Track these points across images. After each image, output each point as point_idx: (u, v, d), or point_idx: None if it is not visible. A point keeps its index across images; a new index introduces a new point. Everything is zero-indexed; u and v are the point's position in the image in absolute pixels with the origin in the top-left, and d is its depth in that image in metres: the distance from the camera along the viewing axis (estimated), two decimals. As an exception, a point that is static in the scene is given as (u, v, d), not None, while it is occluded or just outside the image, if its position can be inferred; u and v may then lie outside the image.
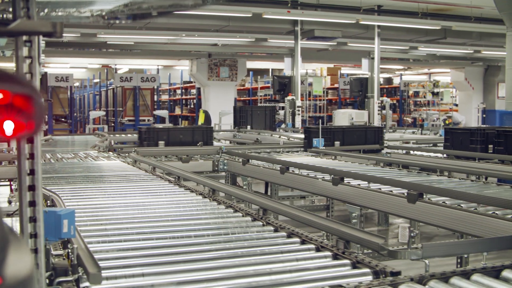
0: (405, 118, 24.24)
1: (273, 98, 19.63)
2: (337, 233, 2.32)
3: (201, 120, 17.21)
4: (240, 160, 6.19)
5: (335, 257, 2.21)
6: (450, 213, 3.31)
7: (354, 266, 2.09)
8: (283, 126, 14.29)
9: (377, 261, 2.09)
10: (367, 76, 15.69)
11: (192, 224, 2.82)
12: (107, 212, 3.14)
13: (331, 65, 24.14)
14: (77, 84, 29.62)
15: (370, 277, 1.98)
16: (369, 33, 15.04)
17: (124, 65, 26.05)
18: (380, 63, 22.08)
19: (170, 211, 3.16)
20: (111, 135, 11.83)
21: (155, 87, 19.89)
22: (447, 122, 22.11)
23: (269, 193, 6.83)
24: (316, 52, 19.95)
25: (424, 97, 22.87)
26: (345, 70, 25.51)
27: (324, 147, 7.09)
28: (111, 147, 7.70)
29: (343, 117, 14.86)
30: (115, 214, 3.09)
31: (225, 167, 6.60)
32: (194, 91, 22.87)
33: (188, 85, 24.00)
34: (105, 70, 22.10)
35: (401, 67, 27.35)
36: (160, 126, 10.26)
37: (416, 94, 23.93)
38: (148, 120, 19.67)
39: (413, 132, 12.70)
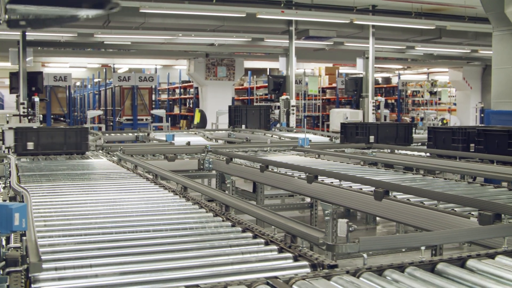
0: (404, 118, 24.29)
1: (270, 98, 19.72)
2: (285, 228, 2.42)
3: (196, 119, 17.34)
4: (224, 158, 6.28)
5: (281, 250, 2.30)
6: (412, 210, 3.41)
7: (296, 259, 2.18)
8: (278, 125, 14.37)
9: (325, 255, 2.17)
10: (362, 75, 15.75)
11: (154, 220, 2.91)
12: (76, 208, 3.24)
13: (330, 65, 24.24)
14: (78, 83, 29.81)
15: (308, 269, 2.07)
16: (364, 33, 15.12)
17: (124, 64, 26.20)
18: (378, 62, 22.18)
19: (137, 207, 3.26)
20: (105, 134, 11.96)
21: (153, 86, 19.98)
22: (444, 121, 22.19)
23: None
24: (313, 51, 20.03)
25: (422, 96, 22.93)
26: (343, 70, 25.60)
27: (309, 146, 7.18)
28: (100, 146, 7.80)
29: (338, 116, 14.94)
30: (84, 209, 3.18)
31: (210, 166, 6.70)
32: (193, 90, 22.99)
33: (186, 84, 24.12)
34: (104, 70, 22.22)
35: (400, 66, 27.39)
36: (34, 125, 10.21)
37: (415, 93, 23.99)
38: (146, 119, 19.78)
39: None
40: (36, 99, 11.54)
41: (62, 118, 20.07)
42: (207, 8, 12.34)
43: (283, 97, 14.11)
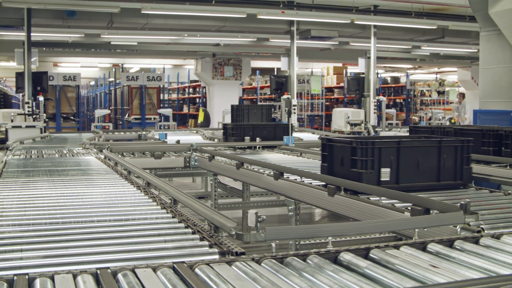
0: (412, 117, 24.28)
1: (274, 97, 19.89)
2: (209, 219, 2.60)
3: (200, 118, 17.59)
4: (207, 156, 6.48)
5: (202, 239, 2.49)
6: (357, 205, 3.56)
7: (211, 247, 2.36)
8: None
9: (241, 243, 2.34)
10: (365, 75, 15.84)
11: (104, 211, 3.11)
12: (38, 200, 3.45)
13: (340, 64, 24.33)
14: (93, 83, 30.30)
15: (216, 256, 2.26)
16: (367, 33, 15.21)
17: (135, 64, 26.59)
18: (385, 62, 22.21)
19: (96, 201, 3.46)
20: (109, 133, 12.25)
21: (161, 86, 20.29)
22: (452, 121, 22.12)
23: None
24: (320, 51, 20.16)
25: (430, 96, 22.88)
26: (352, 69, 25.65)
27: (293, 145, 7.35)
28: (95, 144, 8.05)
29: (340, 116, 15.05)
30: (44, 202, 3.40)
31: (195, 164, 6.90)
32: (201, 90, 23.26)
33: (195, 84, 24.40)
34: (113, 69, 22.60)
35: (410, 66, 27.34)
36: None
37: (423, 93, 23.95)
38: (154, 118, 20.10)
39: (407, 131, 12.85)
40: (41, 98, 11.87)
41: (72, 117, 20.45)
42: (208, 9, 12.56)
43: (285, 96, 14.26)
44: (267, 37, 17.75)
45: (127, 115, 20.08)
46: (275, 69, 23.77)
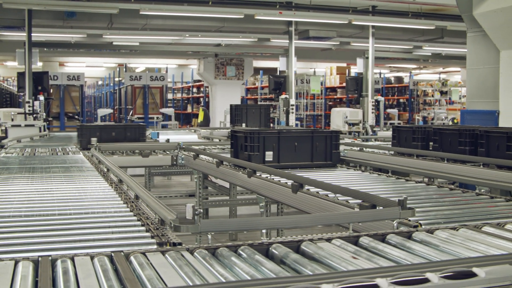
0: (416, 117, 24.28)
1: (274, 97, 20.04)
2: (157, 212, 2.76)
3: (200, 118, 17.78)
4: (192, 155, 6.65)
5: (147, 231, 2.65)
6: (315, 201, 3.71)
7: (152, 238, 2.52)
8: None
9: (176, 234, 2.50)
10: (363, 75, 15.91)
11: (69, 205, 3.28)
12: (10, 195, 3.64)
13: (344, 64, 24.41)
14: (100, 82, 30.63)
15: (154, 246, 2.41)
16: (365, 33, 15.29)
17: (140, 64, 26.85)
18: (386, 62, 22.23)
19: (66, 196, 3.64)
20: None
21: (164, 85, 20.50)
22: (455, 121, 22.11)
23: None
24: (321, 51, 20.26)
25: (433, 96, 22.91)
26: (356, 69, 25.69)
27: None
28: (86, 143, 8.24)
29: (338, 115, 15.14)
30: (16, 196, 3.58)
31: (182, 162, 7.07)
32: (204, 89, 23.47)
33: (199, 83, 24.61)
34: (117, 69, 22.85)
35: (415, 66, 27.34)
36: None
37: (426, 93, 23.98)
38: (157, 117, 20.32)
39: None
40: (41, 97, 12.11)
41: (76, 116, 20.72)
42: (205, 10, 12.73)
43: (283, 96, 14.39)
44: (268, 38, 17.89)
45: (130, 115, 20.33)
46: (278, 69, 23.90)
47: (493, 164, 5.27)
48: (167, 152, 7.29)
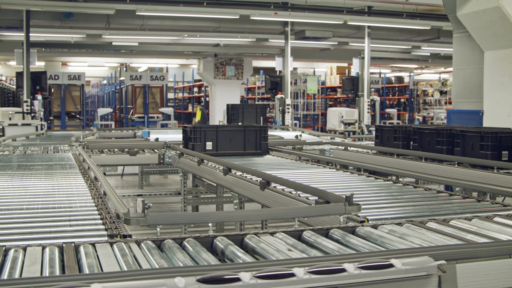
0: (417, 117, 24.33)
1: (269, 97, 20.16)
2: (114, 206, 2.90)
3: (197, 117, 17.93)
4: (177, 153, 6.80)
5: (103, 224, 2.79)
6: (279, 198, 3.84)
7: (106, 230, 2.67)
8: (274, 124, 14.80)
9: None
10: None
11: (39, 200, 3.43)
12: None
13: (345, 64, 24.50)
14: (105, 81, 30.88)
15: (105, 238, 2.56)
16: (361, 33, 15.39)
17: (142, 63, 27.04)
18: (385, 62, 22.26)
19: (38, 191, 3.79)
20: (103, 131, 12.64)
21: (164, 85, 20.68)
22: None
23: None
24: (320, 51, 20.36)
25: (432, 96, 22.95)
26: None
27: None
28: (79, 142, 8.40)
29: (334, 115, 15.27)
30: (-9, 193, 3.74)
31: (169, 160, 7.21)
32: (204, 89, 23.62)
33: (199, 83, 24.77)
34: (118, 69, 23.05)
35: (416, 66, 27.36)
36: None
37: (426, 92, 24.02)
38: (157, 117, 20.51)
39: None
40: (39, 97, 12.31)
41: (78, 116, 20.93)
42: (201, 11, 12.88)
43: (278, 96, 14.51)
44: (266, 38, 18.01)
45: (130, 114, 20.52)
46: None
47: (467, 163, 5.40)
48: (155, 151, 7.44)
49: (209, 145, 6.63)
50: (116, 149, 7.44)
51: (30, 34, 13.39)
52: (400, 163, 5.80)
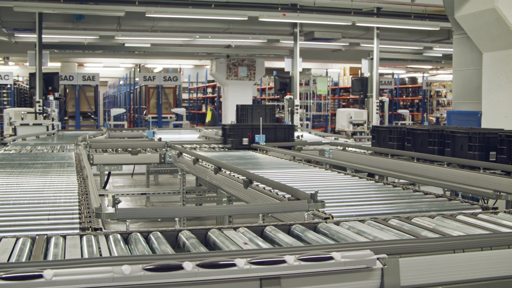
0: (430, 118, 24.24)
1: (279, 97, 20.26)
2: (92, 202, 3.08)
3: (208, 117, 18.12)
4: (176, 153, 6.98)
5: (79, 218, 2.97)
6: (259, 195, 3.99)
7: (80, 224, 2.84)
8: (283, 124, 14.92)
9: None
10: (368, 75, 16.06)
11: (27, 196, 3.62)
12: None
13: (359, 65, 24.50)
14: (122, 82, 31.30)
15: (77, 231, 2.73)
16: (370, 35, 15.44)
17: (157, 64, 27.35)
18: (395, 63, 22.19)
19: (30, 187, 3.99)
20: (114, 131, 12.90)
21: (177, 86, 20.94)
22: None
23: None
24: (331, 52, 20.42)
25: (445, 96, 22.86)
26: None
27: (264, 143, 7.76)
28: (85, 141, 8.63)
29: (343, 116, 15.33)
30: (-15, 189, 3.95)
31: (170, 160, 7.40)
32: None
33: (213, 84, 24.99)
34: (133, 70, 23.39)
35: (431, 66, 27.22)
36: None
37: (439, 93, 23.91)
38: (170, 117, 20.78)
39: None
40: (51, 97, 12.62)
41: (92, 116, 21.30)
42: (210, 12, 13.06)
43: (287, 96, 14.63)
44: (277, 39, 18.13)
45: (144, 114, 20.83)
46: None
47: (455, 163, 5.48)
48: (157, 150, 7.62)
49: (245, 141, 7.70)
50: (119, 149, 7.65)
51: (43, 36, 13.73)
52: (392, 163, 5.89)
